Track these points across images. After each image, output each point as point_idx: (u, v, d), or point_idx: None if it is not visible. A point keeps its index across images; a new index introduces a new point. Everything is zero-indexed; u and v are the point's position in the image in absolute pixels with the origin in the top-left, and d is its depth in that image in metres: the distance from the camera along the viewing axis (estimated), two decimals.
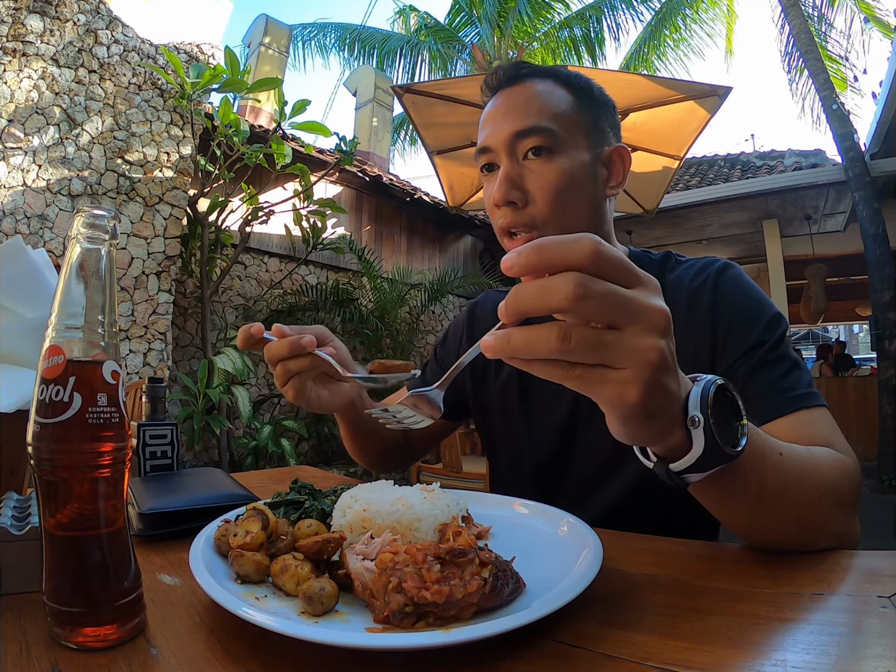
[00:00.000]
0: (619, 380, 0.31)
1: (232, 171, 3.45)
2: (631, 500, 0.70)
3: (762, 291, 0.68)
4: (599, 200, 0.70)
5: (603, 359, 0.31)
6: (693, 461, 0.37)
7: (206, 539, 0.46)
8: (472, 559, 0.36)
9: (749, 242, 7.21)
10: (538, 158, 0.66)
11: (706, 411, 0.36)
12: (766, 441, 0.44)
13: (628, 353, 0.31)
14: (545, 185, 0.65)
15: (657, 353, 0.31)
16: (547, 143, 0.66)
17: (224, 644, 0.35)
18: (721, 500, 0.45)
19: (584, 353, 0.30)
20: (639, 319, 0.31)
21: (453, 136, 3.37)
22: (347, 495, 0.49)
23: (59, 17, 3.16)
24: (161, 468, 0.76)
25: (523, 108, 0.67)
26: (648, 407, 0.33)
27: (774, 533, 0.47)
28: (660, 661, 0.31)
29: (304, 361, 0.59)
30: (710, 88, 2.93)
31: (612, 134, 0.72)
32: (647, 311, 0.31)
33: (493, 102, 0.71)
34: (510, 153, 0.67)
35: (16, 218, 2.99)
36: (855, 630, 0.34)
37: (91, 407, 0.35)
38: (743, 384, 0.61)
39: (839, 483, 0.49)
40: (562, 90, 0.69)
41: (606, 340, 0.30)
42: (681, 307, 0.67)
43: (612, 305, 0.30)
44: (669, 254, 0.77)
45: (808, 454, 0.50)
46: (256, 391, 4.43)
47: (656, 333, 0.31)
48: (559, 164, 0.66)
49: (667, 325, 0.32)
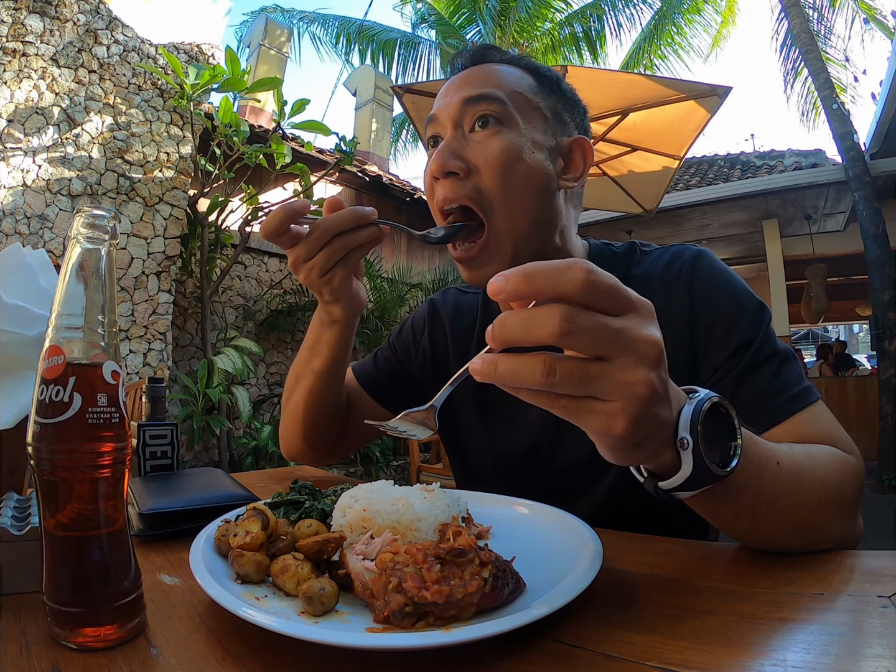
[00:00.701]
0: (606, 411, 0.31)
1: (232, 171, 3.45)
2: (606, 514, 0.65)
3: (739, 279, 0.64)
4: (552, 190, 0.64)
5: (589, 391, 0.30)
6: (681, 482, 0.37)
7: (206, 539, 0.46)
8: (472, 559, 0.36)
9: (749, 242, 7.21)
10: (485, 130, 0.61)
11: (696, 433, 0.35)
12: (764, 451, 0.44)
13: (616, 386, 0.30)
14: (490, 157, 0.60)
15: (646, 386, 0.30)
16: (496, 113, 0.61)
17: (224, 644, 0.35)
18: (714, 511, 0.45)
19: (570, 387, 0.30)
20: (627, 351, 0.30)
21: None
22: (347, 495, 0.49)
23: (59, 17, 3.16)
24: (161, 468, 0.76)
25: (479, 80, 0.63)
26: (636, 437, 0.32)
27: (771, 538, 0.47)
28: (660, 661, 0.31)
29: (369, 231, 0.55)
30: (710, 88, 2.93)
31: (574, 128, 0.68)
32: (637, 343, 0.31)
33: (452, 78, 0.67)
34: (456, 124, 0.63)
35: (16, 218, 2.99)
36: (855, 630, 0.34)
37: (91, 407, 0.35)
38: (734, 390, 0.58)
39: (841, 488, 0.49)
40: (525, 74, 0.66)
41: (593, 374, 0.30)
42: (654, 304, 0.64)
43: (600, 339, 0.30)
44: (634, 244, 0.71)
45: (810, 459, 0.49)
46: (256, 391, 4.43)
47: (646, 365, 0.31)
48: (507, 138, 0.61)
49: (658, 356, 0.31)
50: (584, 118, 0.71)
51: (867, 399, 5.49)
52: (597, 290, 0.30)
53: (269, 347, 4.54)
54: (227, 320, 4.23)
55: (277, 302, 4.58)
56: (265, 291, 4.48)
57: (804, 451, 0.50)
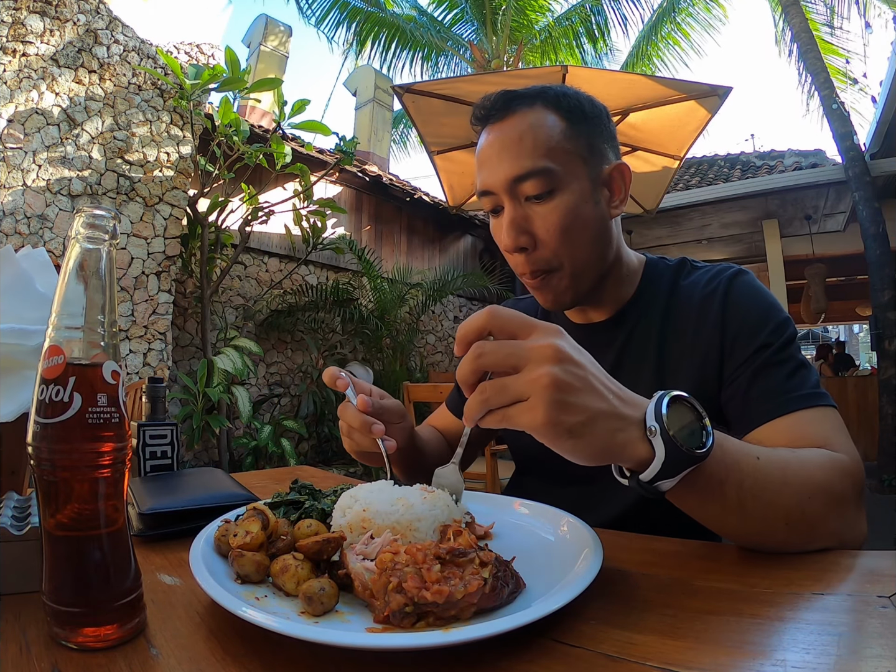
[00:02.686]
0: (527, 407, 0.38)
1: (232, 171, 3.45)
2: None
3: (773, 297, 0.68)
4: (606, 223, 0.69)
5: (511, 396, 0.38)
6: (659, 467, 0.40)
7: (206, 539, 0.46)
8: (472, 559, 0.36)
9: (749, 242, 7.21)
10: (540, 202, 0.65)
11: (660, 419, 0.40)
12: (741, 447, 0.47)
13: (525, 384, 0.38)
14: (551, 226, 0.65)
15: (548, 377, 0.37)
16: (546, 186, 0.64)
17: (224, 644, 0.35)
18: (700, 507, 0.46)
19: (497, 398, 0.39)
20: (528, 358, 0.38)
21: (453, 136, 3.37)
22: (347, 495, 0.49)
23: (59, 17, 3.16)
24: (161, 468, 0.76)
25: (517, 146, 0.65)
26: (565, 424, 0.37)
27: (763, 535, 0.47)
28: (660, 661, 0.31)
29: (365, 441, 0.63)
30: (711, 88, 2.93)
31: (609, 149, 0.70)
32: (534, 349, 0.38)
33: (486, 139, 0.69)
34: (511, 196, 0.66)
35: (16, 218, 2.99)
36: (855, 630, 0.34)
37: (91, 407, 0.35)
38: (748, 384, 0.61)
39: (829, 482, 0.49)
40: (552, 116, 0.66)
41: (507, 382, 0.39)
42: (693, 310, 0.69)
43: (504, 355, 0.39)
44: (685, 260, 0.77)
45: (794, 455, 0.50)
46: (256, 391, 4.43)
47: (545, 363, 0.38)
48: (562, 203, 0.65)
49: (555, 354, 0.38)
50: (609, 125, 0.72)
51: (867, 399, 5.48)
52: (498, 318, 0.41)
53: (269, 347, 4.54)
54: (227, 320, 4.23)
55: (277, 302, 4.58)
56: (265, 291, 4.48)
57: (787, 449, 0.52)
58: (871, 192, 4.83)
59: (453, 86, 3.20)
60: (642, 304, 0.74)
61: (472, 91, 3.13)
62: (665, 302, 0.72)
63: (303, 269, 4.87)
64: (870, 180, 4.88)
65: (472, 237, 6.91)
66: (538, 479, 0.80)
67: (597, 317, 0.76)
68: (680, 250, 7.18)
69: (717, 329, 0.66)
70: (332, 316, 4.90)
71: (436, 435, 0.90)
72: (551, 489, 0.75)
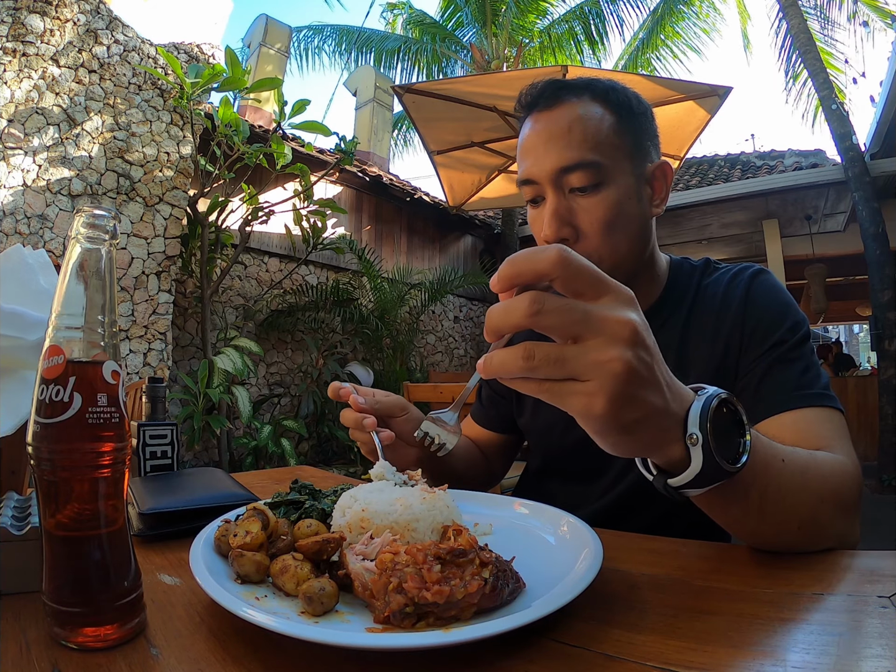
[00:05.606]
0: (584, 391, 0.32)
1: (232, 171, 3.45)
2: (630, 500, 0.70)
3: (791, 297, 0.69)
4: (647, 221, 0.70)
5: (567, 372, 0.31)
6: (691, 478, 0.38)
7: (206, 539, 0.46)
8: (472, 559, 0.36)
9: (749, 242, 7.21)
10: (586, 195, 0.65)
11: (705, 429, 0.36)
12: (769, 449, 0.44)
13: (590, 365, 0.31)
14: (595, 220, 0.64)
15: (621, 363, 0.31)
16: (593, 179, 0.63)
17: (224, 644, 0.35)
18: (722, 509, 0.45)
19: (548, 369, 0.31)
20: (600, 331, 0.31)
21: (454, 136, 3.37)
22: (347, 495, 0.49)
23: (59, 17, 3.15)
24: (161, 468, 0.76)
25: (565, 137, 0.64)
26: (622, 419, 0.33)
27: (776, 537, 0.47)
28: (660, 661, 0.31)
29: (363, 436, 0.65)
30: (710, 88, 2.93)
31: (652, 147, 0.70)
32: (608, 323, 0.31)
33: (532, 127, 0.68)
34: (556, 187, 0.65)
35: (16, 218, 2.99)
36: (855, 630, 0.34)
37: (91, 407, 0.35)
38: (760, 378, 0.62)
39: (841, 487, 0.49)
40: (601, 109, 0.66)
41: (567, 355, 0.31)
42: (714, 308, 0.70)
43: (567, 319, 0.31)
44: (709, 260, 0.78)
45: (812, 459, 0.50)
46: (256, 391, 4.43)
47: (620, 344, 0.31)
48: (608, 197, 0.64)
49: (632, 336, 0.32)
50: (653, 123, 0.72)
51: (867, 399, 5.48)
52: (570, 267, 0.31)
53: (269, 347, 4.54)
54: (227, 320, 4.22)
55: (277, 302, 4.58)
56: (265, 291, 4.47)
57: (805, 451, 0.51)
58: (870, 193, 4.82)
59: (453, 86, 3.20)
60: (669, 303, 0.74)
61: (472, 91, 3.13)
62: (690, 302, 0.73)
63: (303, 269, 4.87)
64: (869, 180, 4.87)
65: (472, 237, 6.91)
66: (556, 480, 0.80)
67: None
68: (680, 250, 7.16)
69: (736, 325, 0.67)
70: (332, 316, 4.90)
71: (465, 442, 0.89)
72: (569, 489, 0.76)
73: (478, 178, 3.78)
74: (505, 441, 0.90)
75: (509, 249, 6.80)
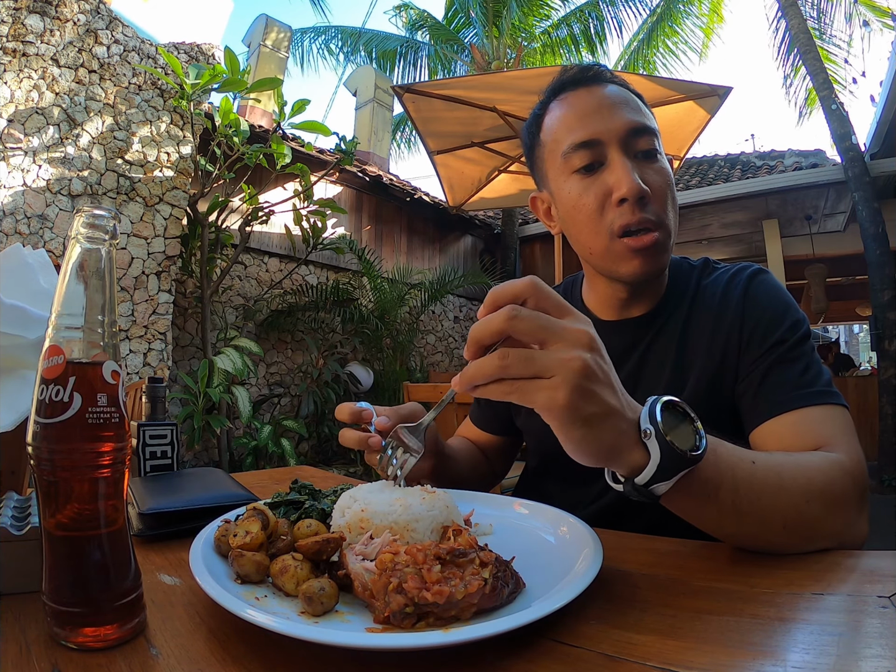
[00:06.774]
0: (549, 386, 0.36)
1: (232, 171, 3.45)
2: None
3: (790, 296, 0.69)
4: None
5: (534, 369, 0.37)
6: (654, 470, 0.40)
7: (206, 539, 0.46)
8: (472, 559, 0.36)
9: (749, 242, 7.21)
10: (651, 161, 0.66)
11: (655, 421, 0.40)
12: (736, 451, 0.47)
13: (554, 362, 0.37)
14: (663, 184, 0.66)
15: (580, 361, 0.36)
16: (656, 146, 0.66)
17: (224, 644, 0.35)
18: (695, 511, 0.46)
19: (520, 367, 0.37)
20: (563, 338, 0.37)
21: (454, 136, 3.37)
22: (347, 495, 0.49)
23: (59, 17, 3.16)
24: (161, 468, 0.76)
25: (629, 104, 0.66)
26: (582, 411, 0.37)
27: (761, 538, 0.47)
28: (660, 661, 0.31)
29: (370, 457, 0.61)
30: (710, 88, 2.93)
31: None
32: (570, 332, 0.38)
33: (588, 94, 0.68)
34: (623, 148, 0.65)
35: (16, 218, 2.99)
36: (855, 630, 0.34)
37: (91, 407, 0.35)
38: (761, 379, 0.62)
39: (829, 484, 0.49)
40: (636, 99, 0.70)
41: (535, 355, 0.37)
42: (713, 308, 0.70)
43: (538, 325, 0.37)
44: (707, 260, 0.79)
45: (790, 459, 0.50)
46: (256, 391, 4.43)
47: (580, 348, 0.37)
48: (666, 169, 0.67)
49: (590, 343, 0.38)
50: None
51: (867, 399, 5.48)
52: (541, 290, 0.39)
53: (269, 347, 4.54)
54: (227, 320, 4.22)
55: (277, 302, 4.58)
56: (265, 291, 4.48)
57: (784, 453, 0.52)
58: (870, 193, 4.83)
59: (453, 86, 3.20)
60: (671, 301, 0.74)
61: (472, 91, 3.13)
62: (689, 302, 0.73)
63: (303, 269, 4.87)
64: (869, 180, 4.87)
65: (472, 237, 6.91)
66: (554, 481, 0.80)
67: (637, 311, 0.75)
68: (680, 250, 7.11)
69: (735, 325, 0.67)
70: (332, 316, 4.90)
71: (467, 444, 0.89)
72: (567, 490, 0.76)
73: (478, 178, 3.78)
74: (504, 442, 0.90)
75: (509, 249, 6.81)
